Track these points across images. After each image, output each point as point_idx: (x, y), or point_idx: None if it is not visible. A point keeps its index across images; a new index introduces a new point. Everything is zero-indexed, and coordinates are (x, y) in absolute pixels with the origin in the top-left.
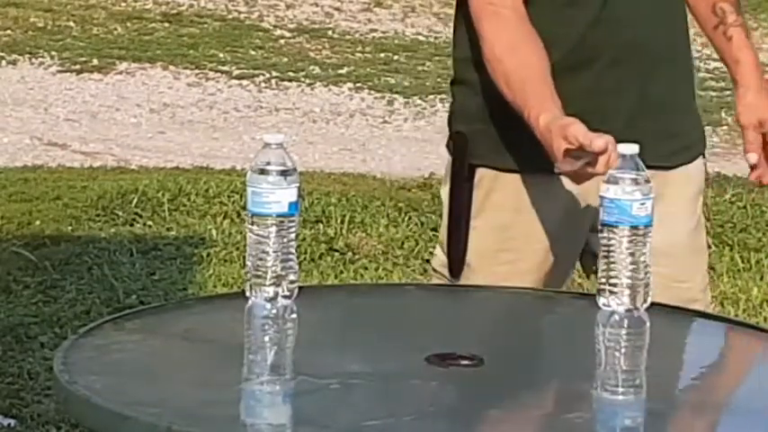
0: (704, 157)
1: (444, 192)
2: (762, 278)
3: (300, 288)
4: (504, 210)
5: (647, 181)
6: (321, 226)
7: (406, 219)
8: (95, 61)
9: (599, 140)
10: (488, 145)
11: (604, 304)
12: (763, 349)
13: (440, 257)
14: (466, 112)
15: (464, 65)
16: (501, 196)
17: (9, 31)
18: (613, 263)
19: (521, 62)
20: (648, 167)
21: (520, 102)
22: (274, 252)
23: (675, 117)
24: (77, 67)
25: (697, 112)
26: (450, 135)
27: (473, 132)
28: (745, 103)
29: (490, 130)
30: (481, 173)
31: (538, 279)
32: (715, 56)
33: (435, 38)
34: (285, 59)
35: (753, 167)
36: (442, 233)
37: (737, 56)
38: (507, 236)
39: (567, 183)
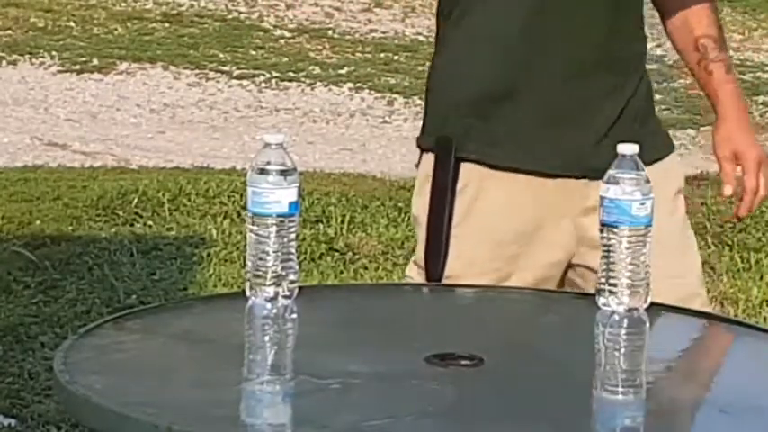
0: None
1: (421, 203)
2: (762, 278)
3: (300, 288)
4: (493, 213)
5: (647, 181)
6: (321, 226)
7: (406, 219)
8: (96, 61)
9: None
10: (480, 140)
11: (604, 304)
12: (762, 349)
13: (415, 278)
14: (447, 112)
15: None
16: (490, 198)
17: (9, 32)
18: (613, 263)
19: None
20: None
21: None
22: (274, 252)
23: (645, 122)
24: (78, 67)
25: (657, 118)
26: (429, 139)
27: (462, 128)
28: (720, 136)
29: (480, 126)
30: (468, 173)
31: (524, 283)
32: None
33: None
34: (285, 59)
35: (736, 207)
36: (419, 250)
37: (717, 91)
38: (496, 239)
39: (555, 186)
